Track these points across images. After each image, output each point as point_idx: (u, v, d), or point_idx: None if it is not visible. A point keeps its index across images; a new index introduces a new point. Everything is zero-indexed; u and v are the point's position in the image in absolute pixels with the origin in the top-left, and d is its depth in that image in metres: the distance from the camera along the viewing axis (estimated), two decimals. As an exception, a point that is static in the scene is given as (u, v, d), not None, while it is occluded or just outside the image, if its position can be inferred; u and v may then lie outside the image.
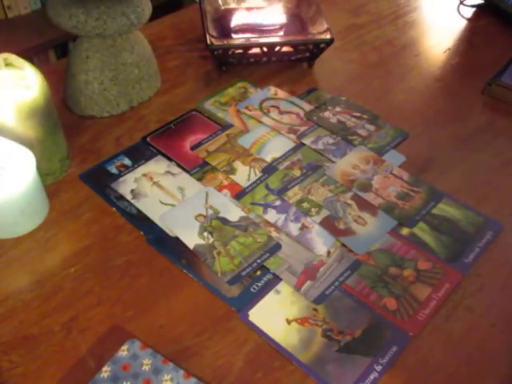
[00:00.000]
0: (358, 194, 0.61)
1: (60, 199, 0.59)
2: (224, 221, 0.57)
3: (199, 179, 0.62)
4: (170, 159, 0.65)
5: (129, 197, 0.60)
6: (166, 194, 0.60)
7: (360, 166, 0.64)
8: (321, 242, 0.55)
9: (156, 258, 0.54)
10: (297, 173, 0.63)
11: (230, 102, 0.73)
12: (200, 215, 0.58)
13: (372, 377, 0.45)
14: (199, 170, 0.63)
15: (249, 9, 0.84)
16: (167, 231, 0.56)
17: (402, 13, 0.95)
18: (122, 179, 0.62)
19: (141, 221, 0.57)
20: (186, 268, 0.53)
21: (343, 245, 0.55)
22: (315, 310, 0.50)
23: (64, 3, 0.62)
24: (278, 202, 0.60)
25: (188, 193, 0.60)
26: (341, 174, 0.63)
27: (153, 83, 0.74)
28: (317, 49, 0.76)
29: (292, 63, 0.80)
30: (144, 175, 0.62)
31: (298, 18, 0.83)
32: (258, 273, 0.53)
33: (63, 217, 0.58)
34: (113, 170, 0.63)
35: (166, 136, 0.68)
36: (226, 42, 0.75)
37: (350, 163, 0.64)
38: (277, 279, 0.52)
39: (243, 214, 0.58)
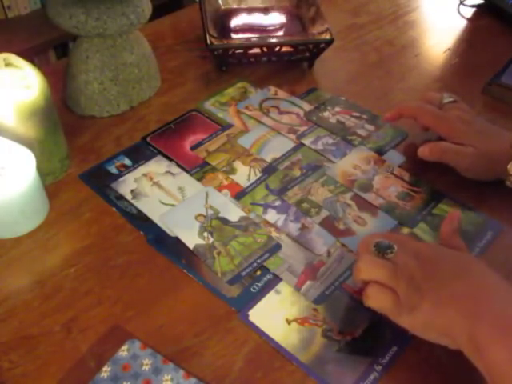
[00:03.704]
0: (358, 194, 0.61)
1: (60, 199, 0.59)
2: (224, 221, 0.57)
3: (199, 179, 0.62)
4: (170, 159, 0.65)
5: (129, 197, 0.60)
6: (166, 194, 0.60)
7: (360, 166, 0.64)
8: (321, 242, 0.55)
9: (156, 257, 0.54)
10: (297, 173, 0.63)
11: (230, 102, 0.73)
12: (200, 215, 0.58)
13: (372, 377, 0.45)
14: (199, 169, 0.63)
15: (249, 9, 0.84)
16: (167, 231, 0.56)
17: (402, 13, 0.95)
18: (121, 179, 0.62)
19: (141, 221, 0.57)
20: (186, 268, 0.53)
21: (343, 245, 0.55)
22: (315, 310, 0.50)
23: (64, 3, 0.62)
24: (277, 202, 0.60)
25: (188, 193, 0.60)
26: (341, 174, 0.63)
27: (153, 83, 0.74)
28: (317, 49, 0.76)
29: (292, 63, 0.80)
30: (144, 175, 0.62)
31: (297, 18, 0.83)
32: (258, 273, 0.53)
33: (63, 217, 0.58)
34: (113, 170, 0.63)
35: (166, 136, 0.68)
36: (226, 41, 0.75)
37: (350, 163, 0.64)
38: (277, 279, 0.52)
39: (243, 214, 0.58)
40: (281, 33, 0.81)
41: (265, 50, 0.75)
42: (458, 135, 0.60)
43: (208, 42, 0.73)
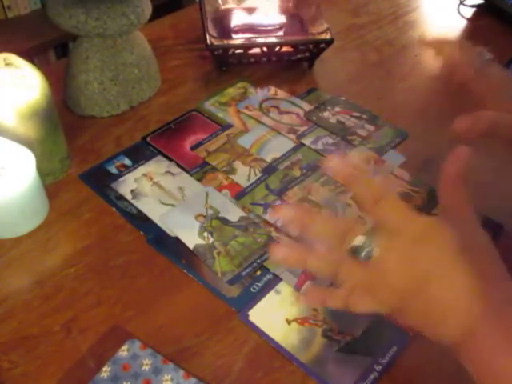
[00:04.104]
0: (358, 194, 0.60)
1: (60, 199, 0.59)
2: (224, 221, 0.57)
3: (199, 179, 0.62)
4: (170, 159, 0.65)
5: (129, 197, 0.60)
6: (166, 194, 0.60)
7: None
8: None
9: (156, 257, 0.54)
10: (297, 173, 0.63)
11: (230, 102, 0.73)
12: (200, 215, 0.58)
13: (372, 377, 0.45)
14: (199, 169, 0.63)
15: (249, 9, 0.84)
16: (167, 231, 0.56)
17: (402, 13, 0.95)
18: (122, 179, 0.62)
19: (141, 221, 0.57)
20: (186, 268, 0.53)
21: (343, 245, 0.55)
22: (315, 310, 0.50)
23: (64, 3, 0.62)
24: (277, 203, 0.60)
25: (188, 193, 0.60)
26: (341, 174, 0.63)
27: (153, 83, 0.74)
28: (317, 49, 0.76)
29: (292, 63, 0.80)
30: (144, 175, 0.62)
31: (297, 18, 0.83)
32: (258, 273, 0.53)
33: (63, 217, 0.58)
34: (113, 170, 0.63)
35: (166, 136, 0.68)
36: (226, 42, 0.75)
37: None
38: (277, 279, 0.52)
39: (243, 214, 0.58)
40: (281, 33, 0.81)
41: (265, 49, 0.75)
42: (508, 96, 0.47)
43: (208, 42, 0.73)
